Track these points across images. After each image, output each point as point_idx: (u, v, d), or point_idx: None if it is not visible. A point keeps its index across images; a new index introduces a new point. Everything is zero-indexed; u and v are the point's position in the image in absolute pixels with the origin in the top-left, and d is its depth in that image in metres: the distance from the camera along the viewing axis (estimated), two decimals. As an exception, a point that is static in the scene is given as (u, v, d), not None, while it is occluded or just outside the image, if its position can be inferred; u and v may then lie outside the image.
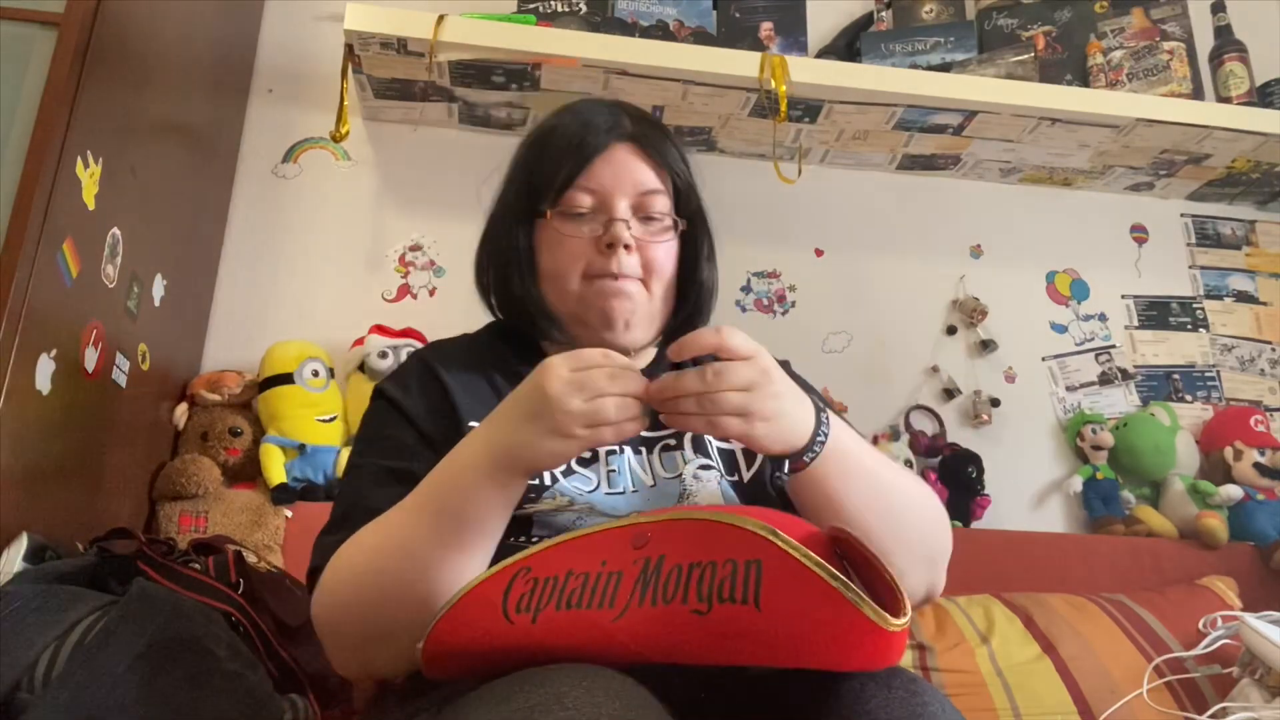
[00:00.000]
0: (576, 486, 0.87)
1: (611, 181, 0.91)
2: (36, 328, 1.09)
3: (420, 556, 0.74)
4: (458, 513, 0.74)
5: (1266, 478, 1.88)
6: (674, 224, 0.95)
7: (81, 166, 1.18)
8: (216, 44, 1.75)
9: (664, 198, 0.94)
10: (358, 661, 0.81)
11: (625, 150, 0.93)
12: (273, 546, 1.50)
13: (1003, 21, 2.03)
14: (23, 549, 1.05)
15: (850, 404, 1.94)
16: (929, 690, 0.65)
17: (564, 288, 0.92)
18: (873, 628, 0.55)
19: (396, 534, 0.76)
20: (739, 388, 0.71)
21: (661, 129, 0.98)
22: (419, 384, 0.93)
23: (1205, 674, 1.40)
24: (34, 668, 0.88)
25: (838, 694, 0.64)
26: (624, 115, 0.95)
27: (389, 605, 0.75)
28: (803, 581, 0.57)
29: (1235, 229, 2.21)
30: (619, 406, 0.70)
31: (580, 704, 0.55)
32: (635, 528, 0.67)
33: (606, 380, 0.70)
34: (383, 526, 0.78)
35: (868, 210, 2.08)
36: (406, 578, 0.74)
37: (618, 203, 0.91)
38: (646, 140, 0.94)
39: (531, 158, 0.96)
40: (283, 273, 1.84)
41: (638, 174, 0.92)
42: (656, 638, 0.61)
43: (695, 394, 0.71)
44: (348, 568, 0.78)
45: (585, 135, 0.92)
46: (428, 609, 0.71)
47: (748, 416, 0.72)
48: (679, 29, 1.93)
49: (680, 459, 0.92)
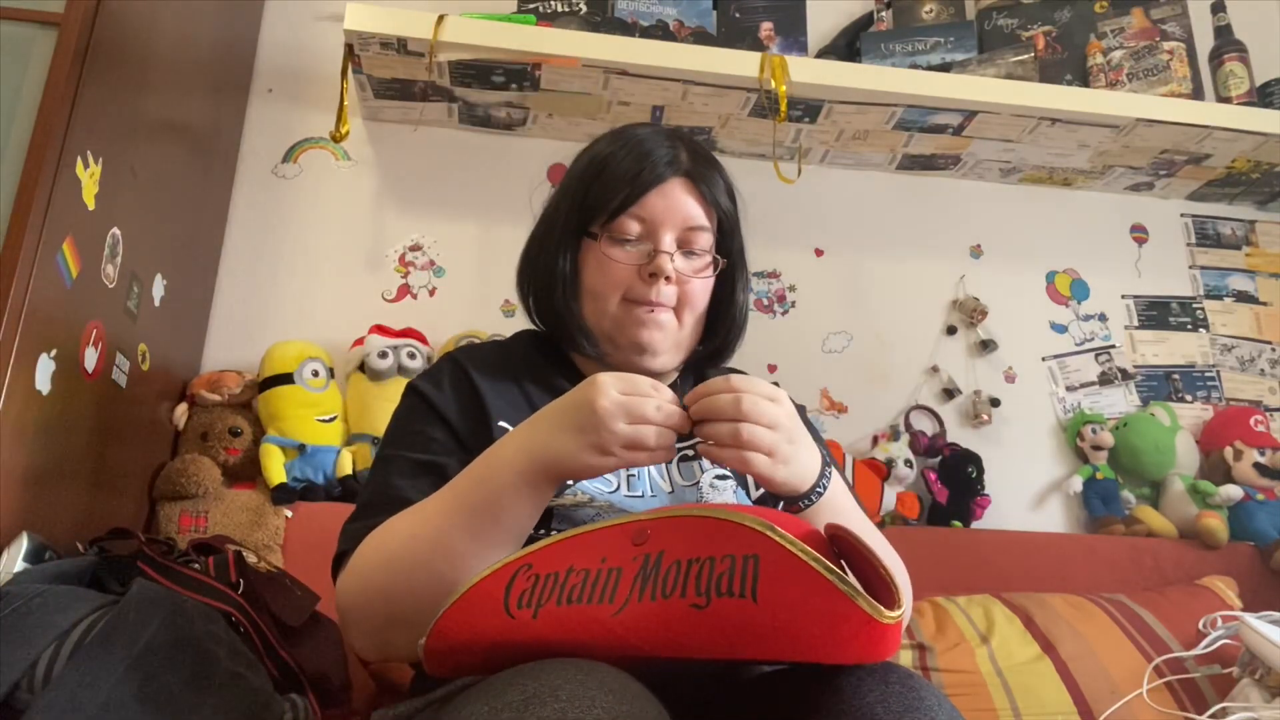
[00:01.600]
0: (597, 486, 0.90)
1: (663, 214, 0.95)
2: (36, 328, 1.09)
3: (451, 549, 0.77)
4: (492, 510, 0.77)
5: (1266, 478, 1.88)
6: (714, 261, 0.99)
7: (81, 166, 1.18)
8: (216, 44, 1.74)
9: (708, 235, 0.98)
10: (376, 644, 0.83)
11: (679, 185, 0.96)
12: (273, 546, 1.50)
13: (1003, 21, 2.03)
14: (23, 549, 1.05)
15: (850, 404, 1.94)
16: (925, 686, 0.66)
17: (603, 308, 0.96)
18: (867, 620, 0.57)
19: (431, 525, 0.79)
20: (768, 424, 0.76)
21: (715, 166, 1.01)
22: (451, 383, 0.96)
23: (1205, 674, 1.40)
24: (34, 668, 0.88)
25: (836, 689, 0.64)
26: (682, 149, 0.98)
27: (416, 592, 0.77)
28: (799, 575, 0.58)
29: (1235, 229, 2.21)
30: (658, 436, 0.75)
31: (574, 697, 0.56)
32: (635, 524, 0.68)
33: (653, 410, 0.75)
34: (417, 516, 0.81)
35: (868, 210, 2.08)
36: (436, 567, 0.77)
37: (665, 235, 0.95)
38: (700, 177, 0.97)
39: (590, 179, 0.98)
40: (283, 273, 1.84)
41: (687, 209, 0.96)
42: (656, 632, 0.62)
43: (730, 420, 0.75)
44: (379, 553, 0.81)
45: (644, 166, 0.95)
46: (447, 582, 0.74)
47: (774, 456, 0.76)
48: (679, 29, 1.93)
49: (698, 468, 0.95)
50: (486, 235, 1.91)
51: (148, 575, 1.09)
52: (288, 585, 1.22)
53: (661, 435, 0.75)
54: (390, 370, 1.68)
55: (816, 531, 0.66)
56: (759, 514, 0.63)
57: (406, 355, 1.69)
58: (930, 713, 0.63)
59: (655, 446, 0.75)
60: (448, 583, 0.74)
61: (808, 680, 0.67)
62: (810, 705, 0.65)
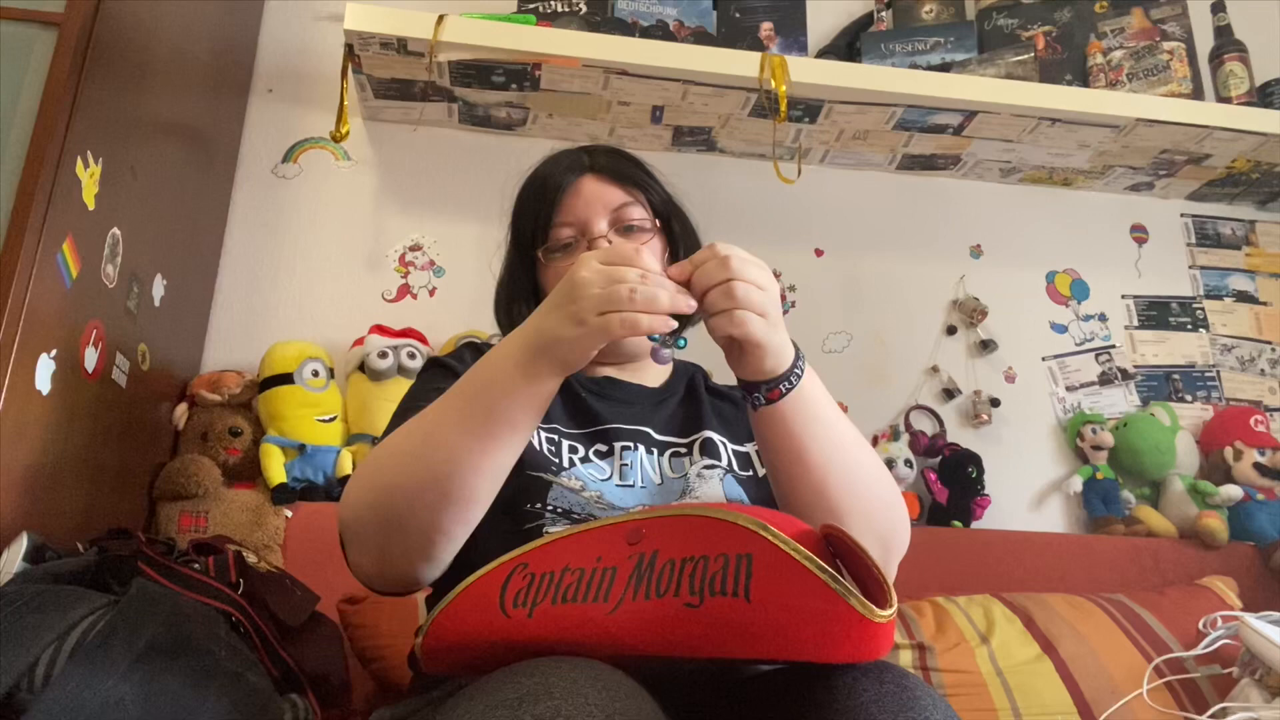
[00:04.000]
0: (591, 474, 0.91)
1: (583, 209, 1.00)
2: (36, 328, 1.09)
3: (446, 443, 0.76)
4: (484, 400, 0.76)
5: (1266, 478, 1.88)
6: (653, 226, 1.03)
7: (81, 166, 1.18)
8: (216, 44, 1.75)
9: (638, 207, 1.03)
10: (374, 559, 0.81)
11: (590, 180, 1.02)
12: (273, 546, 1.50)
13: (1003, 21, 2.04)
14: (23, 549, 1.05)
15: (850, 404, 1.94)
16: (920, 685, 0.66)
17: None
18: (859, 619, 0.57)
19: (427, 419, 0.79)
20: (759, 285, 0.74)
21: (623, 154, 1.07)
22: (471, 355, 1.01)
23: (1205, 674, 1.40)
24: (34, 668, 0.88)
25: (830, 689, 0.64)
26: (584, 153, 1.05)
27: (408, 488, 0.76)
28: (791, 574, 0.58)
29: (1235, 229, 2.21)
30: (635, 296, 0.70)
31: (569, 694, 0.56)
32: (630, 524, 0.69)
33: (634, 276, 0.72)
34: (416, 417, 0.80)
35: (868, 210, 2.08)
36: (428, 459, 0.76)
37: (595, 223, 1.00)
38: (608, 169, 1.03)
39: (518, 209, 1.07)
40: (283, 273, 1.84)
41: (606, 196, 1.01)
42: (650, 631, 0.62)
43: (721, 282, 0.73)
44: (377, 456, 0.81)
45: (550, 178, 1.02)
46: (447, 499, 0.74)
47: (767, 317, 0.74)
48: (679, 29, 1.93)
49: (687, 463, 0.96)
50: (486, 235, 1.89)
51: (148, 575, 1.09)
52: (288, 585, 1.22)
53: (640, 296, 0.70)
54: (390, 370, 1.68)
55: (811, 530, 0.66)
56: (753, 513, 0.63)
57: (406, 355, 1.69)
58: (925, 712, 0.63)
59: (630, 307, 0.70)
60: (441, 477, 0.74)
61: (803, 680, 0.67)
62: (805, 705, 0.65)
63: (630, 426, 0.98)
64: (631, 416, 0.99)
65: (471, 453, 0.75)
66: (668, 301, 0.71)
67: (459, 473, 0.75)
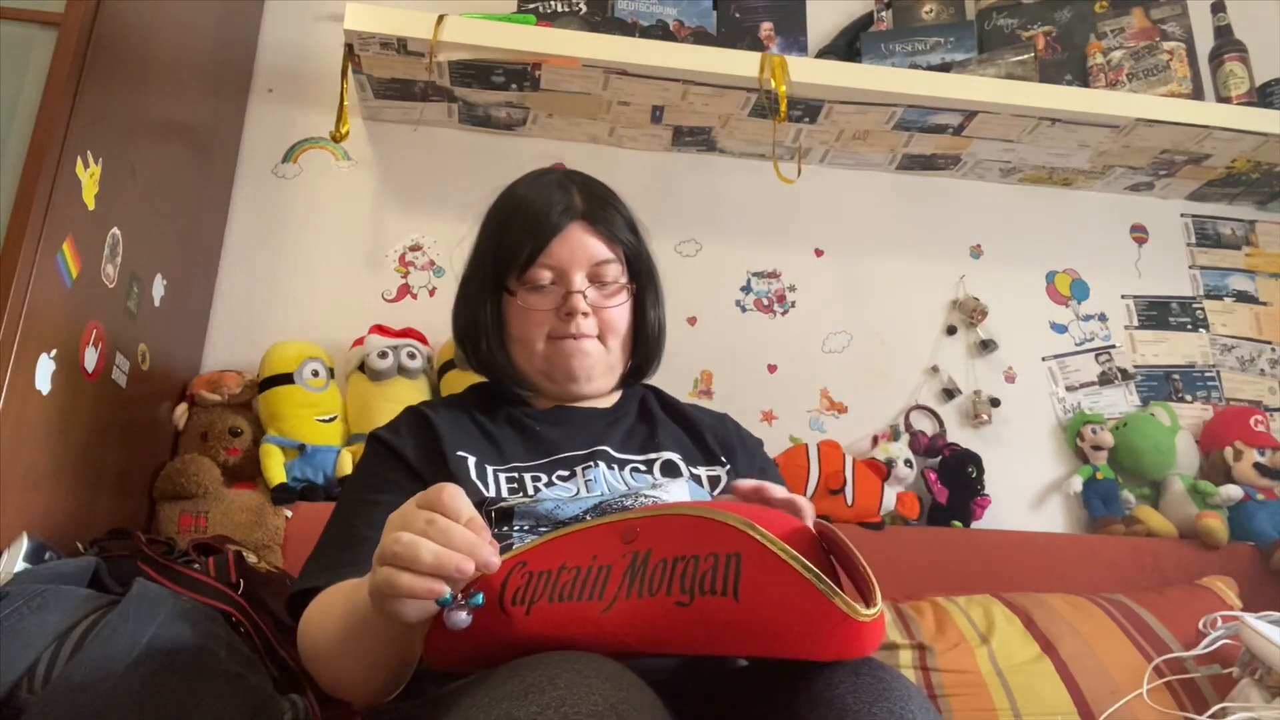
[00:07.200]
0: (558, 495, 0.93)
1: (568, 258, 1.02)
2: (36, 328, 1.09)
3: (334, 645, 0.79)
4: (354, 623, 0.75)
5: (1266, 478, 1.88)
6: (626, 288, 1.06)
7: (81, 166, 1.18)
8: (216, 44, 1.75)
9: (615, 265, 1.05)
10: (332, 690, 0.85)
11: (579, 228, 1.03)
12: (273, 546, 1.50)
13: (1003, 21, 2.04)
14: (23, 549, 1.05)
15: (850, 404, 1.95)
16: (896, 676, 0.67)
17: (531, 350, 1.04)
18: (844, 618, 0.58)
19: (329, 615, 0.81)
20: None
21: (611, 202, 1.08)
22: (408, 427, 1.01)
23: (1205, 674, 1.40)
24: (34, 668, 0.88)
25: (809, 681, 0.66)
26: (576, 194, 1.05)
27: (338, 675, 0.81)
28: (778, 573, 0.59)
29: (1235, 229, 2.21)
30: (432, 557, 0.62)
31: (572, 685, 0.57)
32: (625, 523, 0.70)
33: (422, 523, 0.63)
34: (326, 603, 0.83)
35: (868, 210, 2.08)
36: (336, 666, 0.80)
37: (574, 276, 1.02)
38: (597, 218, 1.04)
39: (496, 236, 1.06)
40: (283, 273, 1.84)
41: (591, 249, 1.03)
42: (642, 628, 0.63)
43: None
44: (309, 632, 0.84)
45: (542, 217, 1.02)
46: (358, 681, 0.79)
47: None
48: (679, 29, 1.93)
49: (650, 478, 1.00)
50: (486, 235, 1.91)
51: (148, 575, 1.09)
52: (288, 585, 1.22)
53: (438, 558, 0.61)
54: (390, 370, 1.68)
55: (803, 529, 0.67)
56: (744, 512, 0.64)
57: (406, 355, 1.69)
58: (900, 701, 0.64)
59: (425, 570, 0.62)
60: (353, 679, 0.79)
61: (784, 674, 0.69)
62: (785, 697, 0.67)
63: (586, 450, 1.00)
64: (587, 439, 1.02)
65: (353, 672, 0.79)
66: (431, 560, 0.62)
67: (348, 671, 0.79)
